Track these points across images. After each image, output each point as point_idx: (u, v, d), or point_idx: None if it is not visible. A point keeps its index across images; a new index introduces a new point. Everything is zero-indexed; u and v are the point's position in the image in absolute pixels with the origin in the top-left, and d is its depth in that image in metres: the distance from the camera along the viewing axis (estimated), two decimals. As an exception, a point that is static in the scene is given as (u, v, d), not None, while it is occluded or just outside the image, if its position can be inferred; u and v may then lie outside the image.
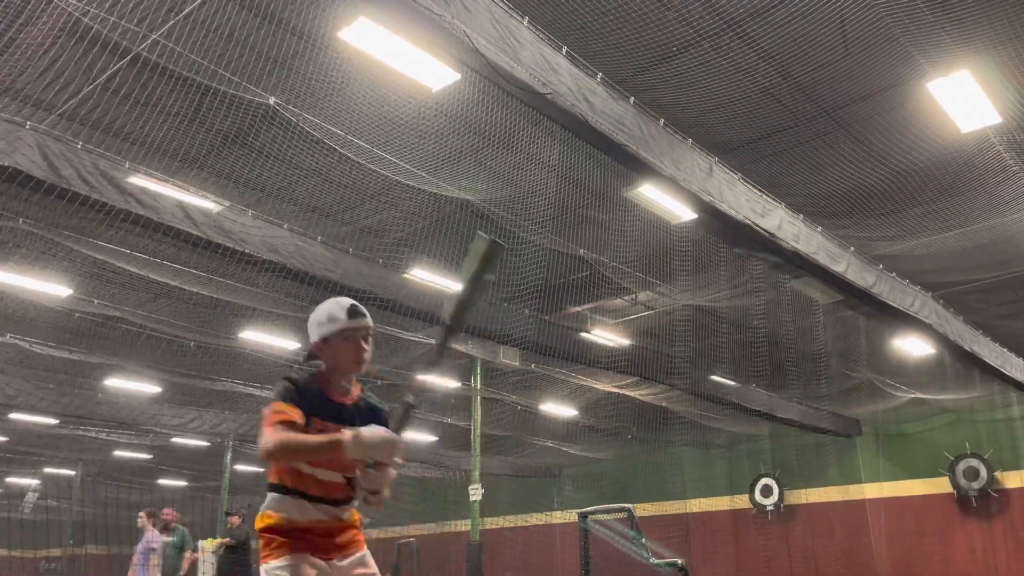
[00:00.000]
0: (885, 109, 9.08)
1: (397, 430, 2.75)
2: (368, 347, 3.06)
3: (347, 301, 3.06)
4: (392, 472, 2.76)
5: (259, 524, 2.93)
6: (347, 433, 2.65)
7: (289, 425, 2.77)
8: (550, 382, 17.28)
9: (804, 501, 20.95)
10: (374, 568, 3.05)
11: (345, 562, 2.98)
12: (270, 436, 2.73)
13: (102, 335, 13.98)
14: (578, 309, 14.14)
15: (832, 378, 15.74)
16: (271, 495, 2.95)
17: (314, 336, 3.00)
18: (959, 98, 8.02)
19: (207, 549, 13.11)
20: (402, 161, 9.27)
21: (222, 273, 10.99)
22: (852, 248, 11.06)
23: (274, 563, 2.84)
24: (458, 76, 7.22)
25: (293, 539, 2.88)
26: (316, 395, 2.94)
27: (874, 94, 8.89)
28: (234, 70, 7.67)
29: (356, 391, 3.09)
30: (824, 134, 9.60)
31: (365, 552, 3.07)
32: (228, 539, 12.70)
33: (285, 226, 10.23)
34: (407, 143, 9.02)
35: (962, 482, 18.41)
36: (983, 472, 18.17)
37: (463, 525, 16.68)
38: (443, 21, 6.03)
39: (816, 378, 15.34)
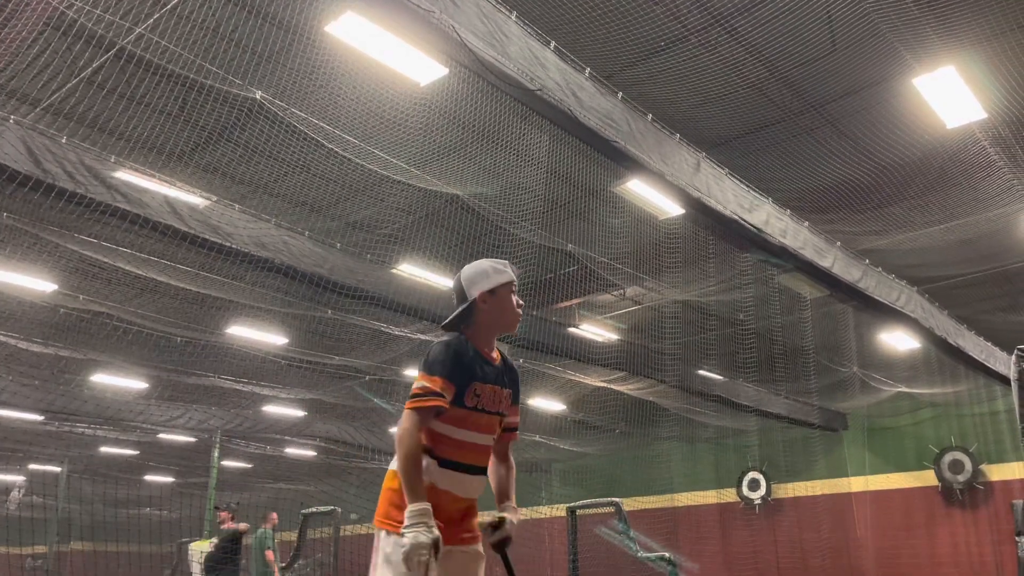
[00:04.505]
0: (871, 104, 9.12)
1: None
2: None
3: (502, 260, 3.14)
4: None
5: (386, 483, 2.93)
6: (420, 510, 2.68)
7: (431, 411, 2.80)
8: (538, 376, 17.29)
9: (791, 495, 21.06)
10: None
11: (467, 550, 2.94)
12: (406, 427, 2.76)
13: (88, 331, 13.88)
14: (566, 304, 14.15)
15: (819, 373, 15.82)
16: None
17: (479, 288, 2.99)
18: (945, 94, 8.07)
19: (199, 551, 13.04)
20: (390, 156, 9.25)
21: (209, 268, 10.92)
22: (839, 243, 11.11)
23: (395, 537, 2.77)
24: (446, 71, 7.20)
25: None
26: (474, 356, 2.95)
27: (861, 89, 8.93)
28: (220, 64, 7.62)
29: (496, 351, 3.11)
30: (811, 129, 9.63)
31: (479, 548, 3.02)
32: (214, 540, 12.67)
33: (272, 221, 10.19)
34: (395, 138, 8.99)
35: (947, 475, 18.55)
36: (968, 465, 18.32)
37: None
38: (430, 16, 6.01)
39: (803, 373, 15.42)
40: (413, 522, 2.67)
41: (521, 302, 3.10)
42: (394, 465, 2.89)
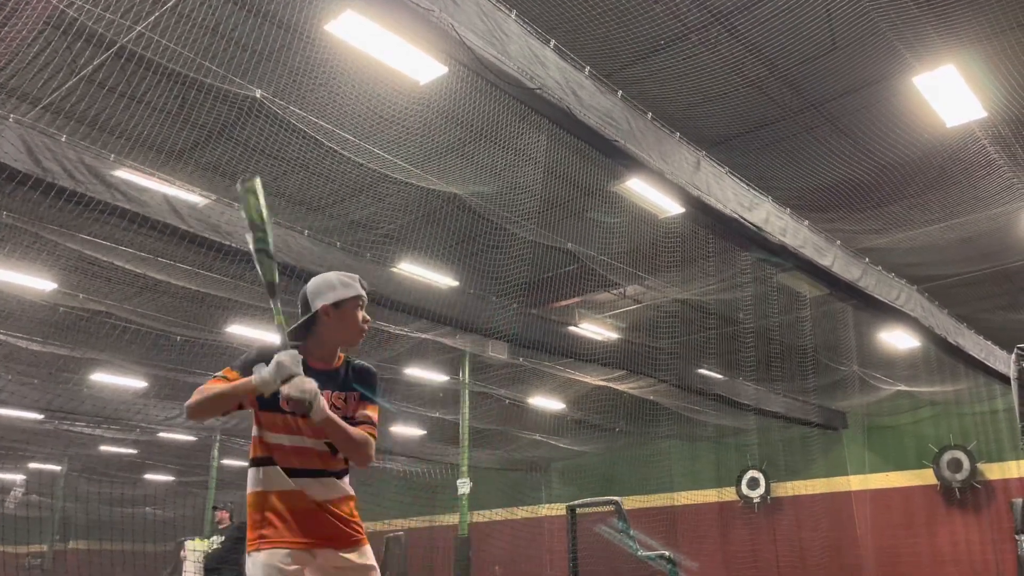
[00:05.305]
0: (871, 103, 9.12)
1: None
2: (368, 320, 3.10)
3: (352, 274, 3.11)
4: (303, 388, 2.68)
5: (248, 503, 2.90)
6: (255, 375, 2.70)
7: (211, 385, 2.79)
8: (538, 376, 17.30)
9: (790, 493, 21.08)
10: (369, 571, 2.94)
11: (338, 557, 2.89)
12: (192, 396, 2.78)
13: (87, 329, 13.88)
14: (566, 303, 14.15)
15: (818, 371, 15.83)
16: (250, 471, 2.91)
17: (323, 300, 2.98)
18: (944, 92, 8.07)
19: (192, 549, 13.00)
20: (389, 155, 9.24)
21: (208, 267, 10.92)
22: (839, 242, 11.11)
23: (255, 556, 2.79)
24: (445, 69, 7.20)
25: (275, 529, 2.81)
26: None
27: (860, 88, 8.93)
28: (220, 63, 7.62)
29: (340, 358, 3.07)
30: (811, 128, 9.63)
31: (360, 550, 2.97)
32: (218, 539, 12.59)
33: (272, 220, 10.16)
34: (394, 136, 8.98)
35: (946, 474, 18.57)
36: (967, 464, 18.33)
37: (452, 519, 16.69)
38: (430, 14, 6.00)
39: (802, 371, 15.44)
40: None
41: (368, 318, 3.07)
42: (249, 488, 2.90)
